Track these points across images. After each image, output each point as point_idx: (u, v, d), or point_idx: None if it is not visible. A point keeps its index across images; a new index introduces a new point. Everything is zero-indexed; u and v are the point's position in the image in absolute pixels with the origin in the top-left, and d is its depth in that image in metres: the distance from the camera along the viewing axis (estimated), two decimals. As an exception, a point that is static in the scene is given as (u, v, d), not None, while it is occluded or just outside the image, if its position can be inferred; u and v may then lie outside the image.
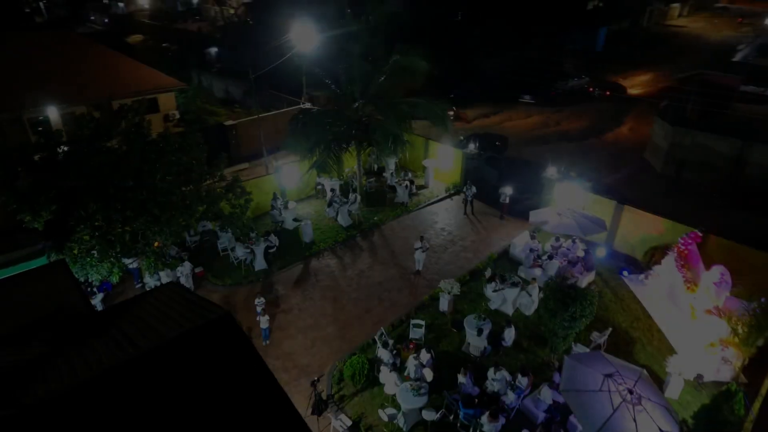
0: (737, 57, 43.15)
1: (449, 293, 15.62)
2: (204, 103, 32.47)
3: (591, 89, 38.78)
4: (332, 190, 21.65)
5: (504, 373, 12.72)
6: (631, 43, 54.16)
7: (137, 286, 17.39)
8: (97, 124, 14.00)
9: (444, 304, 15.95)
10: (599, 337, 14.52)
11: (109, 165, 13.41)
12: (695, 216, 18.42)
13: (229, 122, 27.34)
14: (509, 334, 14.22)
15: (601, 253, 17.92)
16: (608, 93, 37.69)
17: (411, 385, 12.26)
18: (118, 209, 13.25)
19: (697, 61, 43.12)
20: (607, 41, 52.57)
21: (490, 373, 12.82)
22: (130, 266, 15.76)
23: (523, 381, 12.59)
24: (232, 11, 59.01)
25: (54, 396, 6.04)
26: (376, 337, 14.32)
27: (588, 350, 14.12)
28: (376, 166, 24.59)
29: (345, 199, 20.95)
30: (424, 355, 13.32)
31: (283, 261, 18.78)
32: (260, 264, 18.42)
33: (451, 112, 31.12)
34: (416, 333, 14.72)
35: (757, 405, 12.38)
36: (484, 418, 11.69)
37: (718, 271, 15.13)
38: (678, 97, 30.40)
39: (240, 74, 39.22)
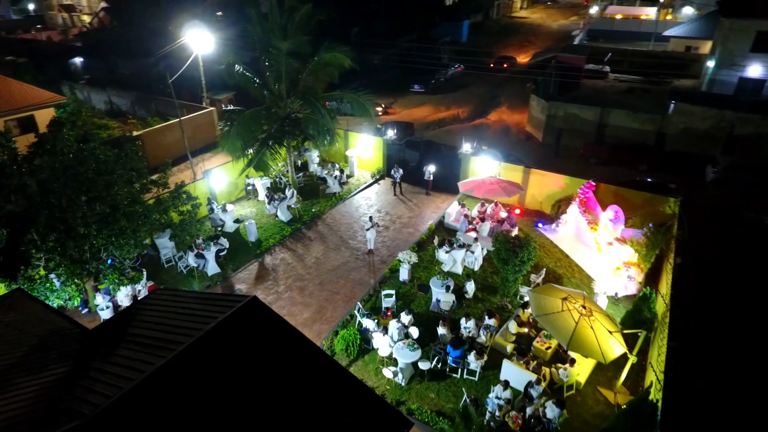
0: (576, 41, 51.08)
1: (408, 263, 17.25)
2: (90, 116, 29.81)
3: (492, 65, 44.16)
4: (268, 188, 21.91)
5: (474, 320, 14.73)
6: (489, 33, 60.75)
7: (83, 311, 16.20)
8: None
9: (404, 274, 17.54)
10: (537, 278, 17.30)
11: (58, 182, 12.60)
12: (580, 173, 22.35)
13: (135, 132, 25.76)
14: (470, 287, 16.32)
15: (517, 211, 20.98)
16: (505, 66, 43.55)
17: (404, 342, 13.67)
18: (77, 225, 12.55)
19: (548, 45, 50.12)
20: (470, 33, 58.29)
21: (463, 321, 14.74)
22: (99, 287, 14.81)
23: (491, 322, 14.73)
24: (86, 18, 53.53)
25: (123, 397, 6.47)
26: (356, 312, 15.44)
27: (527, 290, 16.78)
28: (299, 162, 25.25)
29: (283, 195, 21.41)
30: (405, 317, 14.80)
31: (235, 263, 18.79)
32: (213, 269, 18.24)
33: (380, 108, 32.86)
34: (388, 302, 16.12)
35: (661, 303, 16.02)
36: (471, 357, 13.60)
37: (612, 210, 18.82)
38: (541, 75, 35.62)
39: (122, 84, 36.51)
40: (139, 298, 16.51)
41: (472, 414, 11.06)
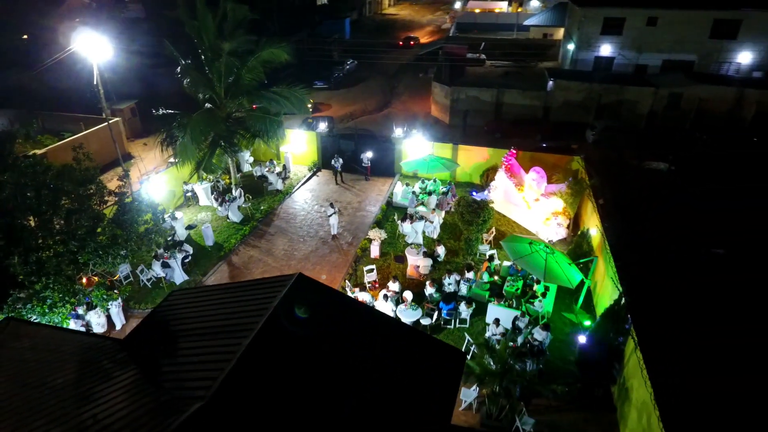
0: (450, 33, 55.86)
1: (379, 239, 18.58)
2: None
3: (401, 43, 49.74)
4: (218, 190, 21.54)
5: (454, 276, 16.62)
6: (368, 29, 63.45)
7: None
8: None
9: (375, 251, 18.83)
10: (488, 236, 19.77)
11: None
12: (490, 146, 25.43)
13: (38, 151, 23.16)
14: (441, 251, 18.19)
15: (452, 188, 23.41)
16: (412, 43, 51.19)
17: (405, 304, 15.06)
18: (58, 243, 11.81)
19: (427, 36, 54.02)
20: (351, 30, 60.35)
21: (445, 279, 16.56)
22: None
23: (470, 275, 16.75)
24: None
25: (228, 376, 7.06)
26: (347, 290, 16.38)
27: (488, 248, 19.18)
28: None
29: (233, 196, 21.23)
30: (393, 285, 16.15)
31: (201, 268, 18.42)
32: (180, 276, 17.73)
33: (310, 105, 32.93)
34: (371, 276, 17.30)
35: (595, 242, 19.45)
36: (462, 306, 15.49)
37: (535, 172, 22.02)
38: (431, 63, 38.98)
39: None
40: (113, 317, 15.65)
41: (493, 344, 12.88)
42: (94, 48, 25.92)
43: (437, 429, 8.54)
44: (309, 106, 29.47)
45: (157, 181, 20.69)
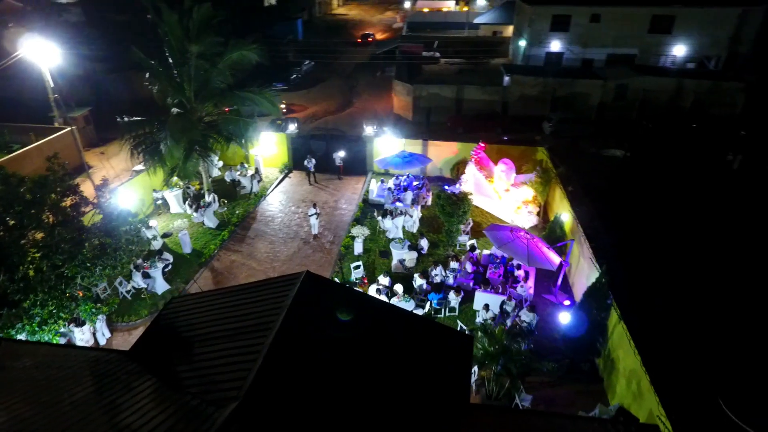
0: (403, 32, 56.65)
1: (362, 236, 18.83)
2: None
3: (359, 40, 50.17)
4: (193, 196, 21.05)
5: (441, 266, 17.16)
6: (319, 30, 63.23)
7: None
8: None
9: (359, 248, 19.06)
10: (466, 227, 20.45)
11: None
12: (455, 141, 26.23)
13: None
14: (425, 243, 18.68)
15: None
16: (370, 39, 51.99)
17: (398, 297, 15.41)
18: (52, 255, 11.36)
19: (380, 35, 54.53)
20: (303, 31, 59.94)
21: (432, 270, 17.07)
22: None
23: (455, 265, 17.33)
24: None
25: (259, 374, 7.21)
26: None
27: (467, 239, 19.85)
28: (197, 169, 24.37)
29: (208, 201, 20.83)
30: (383, 279, 16.48)
31: (182, 276, 18.01)
32: (162, 286, 17.28)
33: (283, 105, 32.43)
34: (359, 272, 17.54)
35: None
36: (451, 295, 16.03)
37: (503, 164, 22.95)
38: (387, 62, 39.53)
39: None
40: (96, 332, 15.09)
41: (490, 327, 13.46)
42: (41, 54, 24.74)
43: (459, 406, 8.96)
44: (282, 107, 29.28)
45: (125, 190, 20.00)
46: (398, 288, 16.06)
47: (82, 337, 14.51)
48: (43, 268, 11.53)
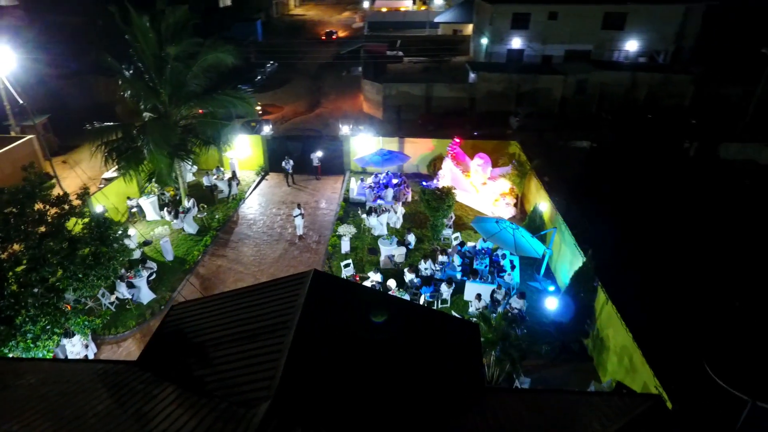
0: (365, 31, 56.84)
1: (349, 234, 18.94)
2: None
3: (323, 38, 51.30)
4: (171, 202, 20.53)
5: (430, 260, 17.51)
6: (279, 30, 62.54)
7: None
8: None
9: (346, 246, 19.16)
10: (448, 221, 20.91)
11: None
12: (431, 137, 26.74)
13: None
14: (412, 238, 18.98)
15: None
16: (334, 37, 53.57)
17: (393, 291, 15.64)
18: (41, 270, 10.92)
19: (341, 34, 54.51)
20: (263, 32, 59.12)
21: (422, 264, 17.40)
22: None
23: (444, 258, 17.73)
24: None
25: (286, 370, 7.42)
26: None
27: (450, 232, 20.30)
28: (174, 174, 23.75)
29: (187, 207, 20.38)
30: (375, 275, 16.67)
31: (167, 284, 17.57)
32: (148, 295, 16.83)
33: (259, 107, 31.76)
34: (349, 270, 17.65)
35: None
36: (443, 287, 16.42)
37: (479, 158, 23.57)
38: (352, 62, 39.72)
39: None
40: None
41: (488, 315, 13.90)
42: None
43: (477, 389, 9.30)
44: (258, 109, 28.91)
45: (97, 199, 19.29)
46: (391, 283, 16.29)
47: (72, 349, 13.97)
48: (32, 281, 11.05)
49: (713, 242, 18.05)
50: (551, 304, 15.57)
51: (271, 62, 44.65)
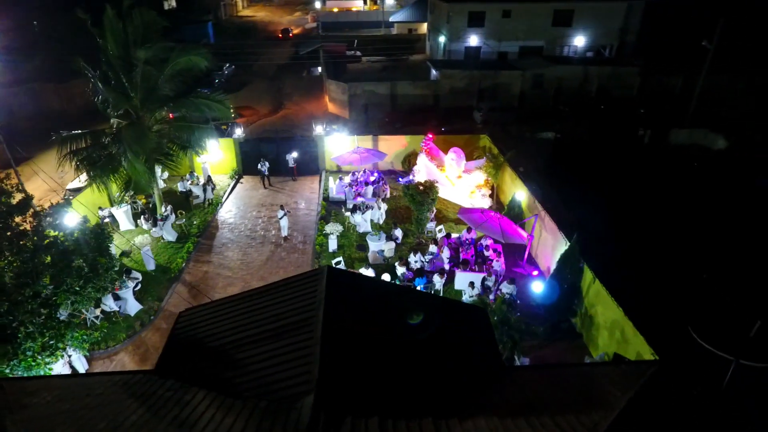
0: (319, 31, 56.62)
1: (337, 233, 19.03)
2: None
3: (280, 35, 52.58)
4: (146, 210, 19.81)
5: (419, 254, 17.91)
6: (230, 32, 61.15)
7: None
8: None
9: (333, 244, 19.24)
10: (431, 214, 21.41)
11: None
12: (399, 134, 27.19)
13: None
14: (399, 233, 19.31)
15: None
16: (291, 35, 53.35)
17: (389, 285, 15.90)
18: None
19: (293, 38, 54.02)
20: (214, 33, 57.63)
21: (411, 257, 17.78)
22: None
23: (434, 249, 18.18)
24: None
25: (323, 364, 7.62)
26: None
27: (434, 225, 20.79)
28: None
29: (165, 214, 19.77)
30: (367, 271, 16.87)
31: (153, 294, 17.03)
32: (135, 307, 16.26)
33: (232, 110, 30.75)
34: (341, 268, 17.75)
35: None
36: (435, 278, 16.85)
37: (453, 152, 24.21)
38: (310, 62, 39.62)
39: None
40: (73, 363, 13.94)
41: (486, 301, 14.43)
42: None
43: (497, 368, 9.76)
44: (231, 111, 28.27)
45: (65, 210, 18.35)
46: (386, 277, 16.56)
47: (61, 370, 13.34)
48: (26, 295, 10.51)
49: (674, 220, 19.51)
50: (537, 287, 16.36)
51: (228, 64, 43.72)
